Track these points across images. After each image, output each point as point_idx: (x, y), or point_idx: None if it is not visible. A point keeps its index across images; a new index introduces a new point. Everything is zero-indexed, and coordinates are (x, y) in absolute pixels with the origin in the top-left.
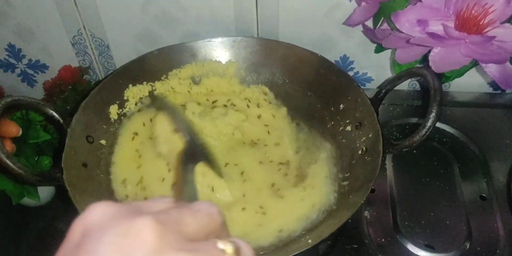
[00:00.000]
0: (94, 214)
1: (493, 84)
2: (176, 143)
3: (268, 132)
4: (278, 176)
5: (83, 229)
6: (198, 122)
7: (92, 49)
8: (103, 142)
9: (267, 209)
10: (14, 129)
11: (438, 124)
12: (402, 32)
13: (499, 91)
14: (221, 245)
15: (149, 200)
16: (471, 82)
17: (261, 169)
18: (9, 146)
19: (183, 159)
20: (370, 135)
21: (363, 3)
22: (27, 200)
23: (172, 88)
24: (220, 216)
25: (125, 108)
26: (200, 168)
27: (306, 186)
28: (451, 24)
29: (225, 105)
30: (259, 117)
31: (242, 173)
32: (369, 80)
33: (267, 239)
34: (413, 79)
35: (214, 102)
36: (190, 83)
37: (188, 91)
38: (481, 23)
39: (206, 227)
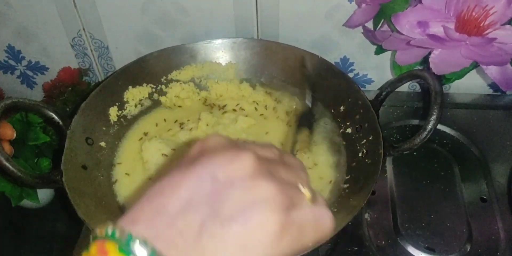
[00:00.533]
0: (213, 140)
1: (494, 86)
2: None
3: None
4: None
5: (201, 149)
6: (211, 132)
7: (91, 50)
8: (102, 144)
9: None
10: (9, 132)
11: (438, 126)
12: (403, 34)
13: (499, 93)
14: (302, 188)
15: (258, 145)
16: (471, 84)
17: None
18: (7, 148)
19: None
20: (370, 138)
21: (364, 5)
22: (26, 202)
23: (177, 96)
24: (305, 173)
25: (125, 109)
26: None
27: None
28: (452, 26)
29: (234, 110)
30: (265, 118)
31: None
32: (369, 81)
33: None
34: (413, 81)
35: (223, 107)
36: (195, 89)
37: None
38: (481, 24)
39: (293, 175)
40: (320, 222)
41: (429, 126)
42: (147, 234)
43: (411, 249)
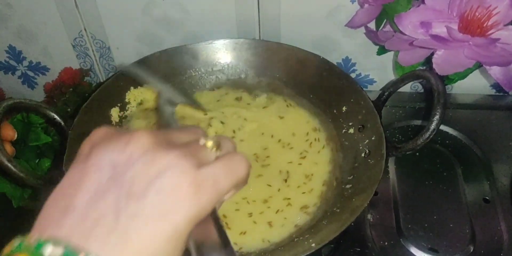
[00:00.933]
0: (99, 133)
1: (496, 86)
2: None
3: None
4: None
5: (91, 144)
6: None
7: (93, 51)
8: None
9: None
10: (10, 132)
11: (441, 127)
12: (405, 34)
13: (502, 93)
14: (202, 141)
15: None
16: (474, 84)
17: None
18: (8, 149)
19: (160, 104)
20: (373, 138)
21: (366, 5)
22: (28, 203)
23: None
24: (203, 131)
25: (126, 110)
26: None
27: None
28: (455, 26)
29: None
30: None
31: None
32: (371, 82)
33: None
34: (415, 81)
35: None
36: None
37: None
38: (484, 25)
39: (190, 136)
40: (233, 166)
41: (432, 127)
42: (60, 233)
43: (413, 250)
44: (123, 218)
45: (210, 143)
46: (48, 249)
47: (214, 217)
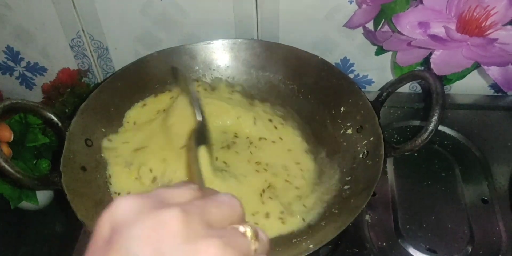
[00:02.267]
0: (121, 208)
1: (495, 87)
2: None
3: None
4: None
5: (111, 225)
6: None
7: (91, 51)
8: (102, 145)
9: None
10: (7, 134)
11: (439, 127)
12: (403, 35)
13: (500, 94)
14: (241, 228)
15: (173, 187)
16: (472, 85)
17: None
18: (5, 150)
19: (195, 137)
20: (371, 139)
21: (364, 5)
22: (25, 204)
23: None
24: (241, 207)
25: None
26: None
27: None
28: (453, 26)
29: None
30: (270, 120)
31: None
32: (370, 82)
33: None
34: (414, 81)
35: None
36: None
37: None
38: (483, 25)
39: (228, 218)
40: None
41: (431, 127)
42: None
43: (412, 250)
44: None
45: (250, 233)
46: None
47: None
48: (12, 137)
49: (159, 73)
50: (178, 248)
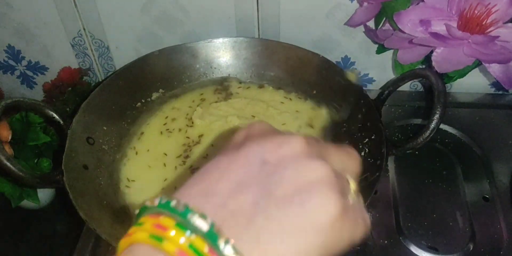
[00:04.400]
0: (257, 127)
1: (496, 85)
2: None
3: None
4: None
5: (245, 135)
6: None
7: (92, 50)
8: (103, 143)
9: None
10: (5, 133)
11: (440, 125)
12: (405, 33)
13: (501, 92)
14: (349, 178)
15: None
16: (473, 83)
17: None
18: (7, 150)
19: None
20: (373, 137)
21: (365, 4)
22: (26, 203)
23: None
24: (359, 165)
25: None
26: None
27: None
28: (454, 24)
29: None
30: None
31: None
32: (371, 81)
33: None
34: (415, 80)
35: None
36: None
37: None
38: (484, 23)
39: (344, 161)
40: (361, 220)
41: (432, 125)
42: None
43: (413, 248)
44: (259, 219)
45: (354, 186)
46: (195, 219)
47: None
48: (10, 137)
49: (160, 71)
50: (295, 160)
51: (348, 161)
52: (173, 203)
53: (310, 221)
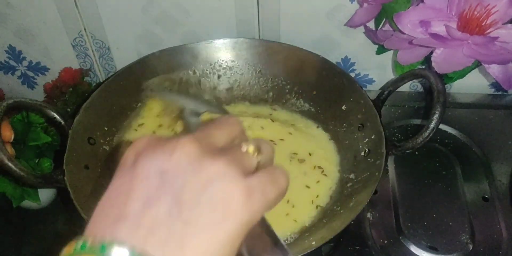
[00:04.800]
0: (142, 142)
1: (495, 85)
2: None
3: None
4: None
5: (135, 153)
6: None
7: (92, 51)
8: (104, 143)
9: None
10: (7, 133)
11: (440, 126)
12: (404, 33)
13: (500, 92)
14: (244, 147)
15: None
16: (473, 84)
17: None
18: (8, 150)
19: (185, 117)
20: (372, 137)
21: (365, 4)
22: (27, 203)
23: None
24: (239, 123)
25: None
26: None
27: None
28: (454, 25)
29: None
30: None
31: None
32: (371, 81)
33: None
34: (414, 80)
35: None
36: None
37: None
38: (483, 24)
39: (230, 134)
40: (276, 178)
41: (432, 125)
42: (117, 239)
43: (413, 248)
44: (178, 226)
45: (251, 149)
46: (114, 251)
47: (261, 220)
48: (13, 137)
49: (161, 72)
50: (191, 163)
51: (232, 131)
52: (88, 243)
53: (223, 212)
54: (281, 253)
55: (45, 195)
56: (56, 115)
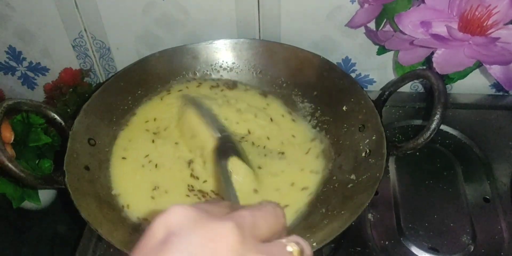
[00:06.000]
0: (177, 215)
1: (496, 86)
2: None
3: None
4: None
5: (166, 228)
6: None
7: (93, 51)
8: (105, 144)
9: None
10: (7, 134)
11: (441, 126)
12: (405, 34)
13: (502, 93)
14: (289, 248)
15: (213, 203)
16: (473, 84)
17: None
18: (9, 151)
19: (218, 155)
20: (373, 137)
21: (366, 5)
22: (27, 204)
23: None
24: (284, 216)
25: None
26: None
27: None
28: (455, 26)
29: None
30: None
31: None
32: (371, 82)
33: None
34: (415, 81)
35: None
36: None
37: None
38: (484, 24)
39: (273, 228)
40: None
41: (433, 126)
42: None
43: (414, 249)
44: None
45: (296, 251)
46: None
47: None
48: (13, 138)
49: (161, 73)
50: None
51: (276, 224)
52: None
53: None
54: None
55: (45, 196)
56: (56, 116)
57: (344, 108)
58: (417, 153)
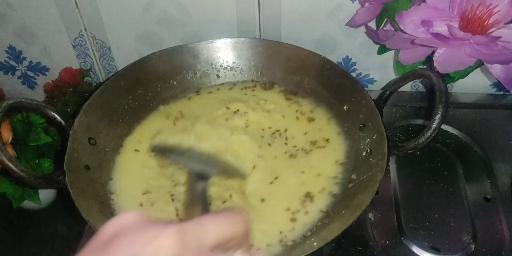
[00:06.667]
0: (127, 218)
1: (497, 85)
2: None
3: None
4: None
5: (116, 229)
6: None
7: (93, 51)
8: (105, 144)
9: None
10: (6, 134)
11: (441, 126)
12: (406, 33)
13: (503, 92)
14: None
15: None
16: (474, 84)
17: None
18: (9, 151)
19: (191, 181)
20: (374, 137)
21: (367, 4)
22: (27, 204)
23: None
24: (244, 224)
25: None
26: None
27: None
28: (456, 25)
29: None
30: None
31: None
32: (372, 81)
33: None
34: (416, 80)
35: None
36: None
37: None
38: (485, 23)
39: (227, 234)
40: None
41: (434, 125)
42: None
43: (415, 248)
44: None
45: None
46: None
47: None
48: (11, 139)
49: (162, 72)
50: None
51: (232, 230)
52: None
53: None
54: None
55: (46, 195)
56: (56, 115)
57: (345, 107)
58: (418, 153)
